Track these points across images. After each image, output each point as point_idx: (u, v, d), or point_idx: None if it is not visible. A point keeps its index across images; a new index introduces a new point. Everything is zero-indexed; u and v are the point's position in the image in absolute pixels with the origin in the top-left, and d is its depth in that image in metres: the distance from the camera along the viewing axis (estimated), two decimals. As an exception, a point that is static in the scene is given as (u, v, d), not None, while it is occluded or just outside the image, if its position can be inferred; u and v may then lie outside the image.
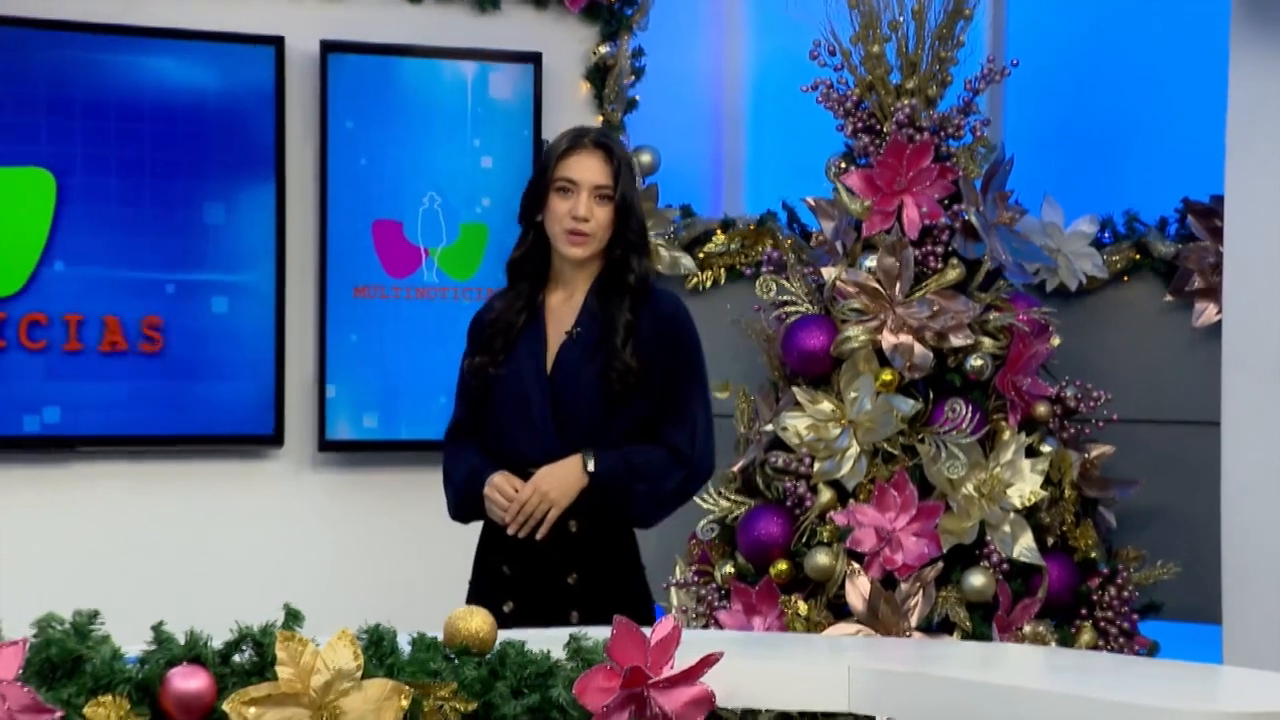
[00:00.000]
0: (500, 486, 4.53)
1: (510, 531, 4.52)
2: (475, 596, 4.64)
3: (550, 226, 4.58)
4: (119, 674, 3.14)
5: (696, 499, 6.18)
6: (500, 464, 4.57)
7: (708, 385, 4.70)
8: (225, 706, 3.15)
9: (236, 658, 3.22)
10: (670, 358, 4.59)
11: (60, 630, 3.15)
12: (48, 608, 3.19)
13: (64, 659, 3.12)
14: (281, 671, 3.19)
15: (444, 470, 4.74)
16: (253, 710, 3.16)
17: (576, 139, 4.60)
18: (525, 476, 4.51)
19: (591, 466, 4.50)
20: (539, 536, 4.50)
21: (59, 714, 3.07)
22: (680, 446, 4.58)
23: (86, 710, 3.09)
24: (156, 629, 3.24)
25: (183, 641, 3.22)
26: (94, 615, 3.20)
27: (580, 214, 4.52)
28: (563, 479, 4.50)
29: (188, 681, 3.16)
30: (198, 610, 3.54)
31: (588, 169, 4.55)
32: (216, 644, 3.24)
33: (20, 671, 3.06)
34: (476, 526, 4.71)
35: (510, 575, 4.56)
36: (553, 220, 4.57)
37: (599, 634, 3.43)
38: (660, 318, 4.60)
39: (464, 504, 4.68)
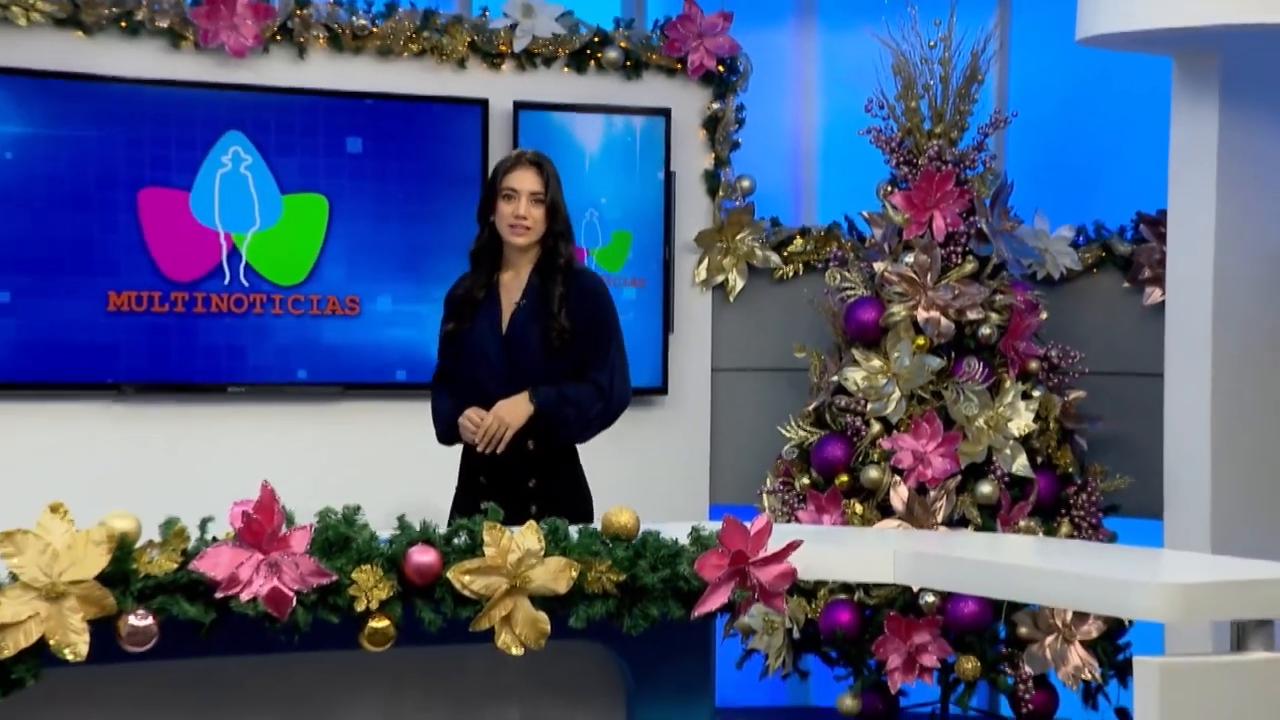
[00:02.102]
0: (469, 416, 4.56)
1: (479, 449, 4.56)
2: (460, 500, 4.67)
3: (499, 223, 4.61)
4: (375, 550, 3.21)
5: (780, 430, 6.23)
6: (471, 401, 4.60)
7: (622, 340, 4.70)
8: (449, 574, 3.22)
9: (456, 540, 3.28)
10: (592, 320, 4.61)
11: (334, 519, 3.22)
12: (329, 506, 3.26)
13: (337, 539, 3.19)
14: (488, 551, 3.25)
15: (432, 407, 4.77)
16: (467, 578, 3.23)
17: (517, 159, 4.65)
18: (489, 409, 4.55)
19: (535, 398, 4.53)
20: (499, 451, 4.53)
21: (334, 578, 3.14)
22: (601, 384, 4.60)
23: (354, 574, 3.16)
24: (400, 519, 3.31)
25: (418, 529, 3.29)
26: (357, 509, 3.27)
27: (520, 213, 4.56)
28: (513, 407, 4.53)
29: (423, 556, 3.23)
30: (428, 506, 3.59)
31: (525, 180, 4.58)
32: (442, 530, 3.30)
33: (308, 547, 3.13)
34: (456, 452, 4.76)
35: (485, 483, 4.56)
36: (500, 219, 4.60)
37: (713, 526, 3.46)
38: (586, 292, 4.63)
39: (448, 432, 4.70)
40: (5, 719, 3.00)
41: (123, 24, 5.77)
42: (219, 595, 3.06)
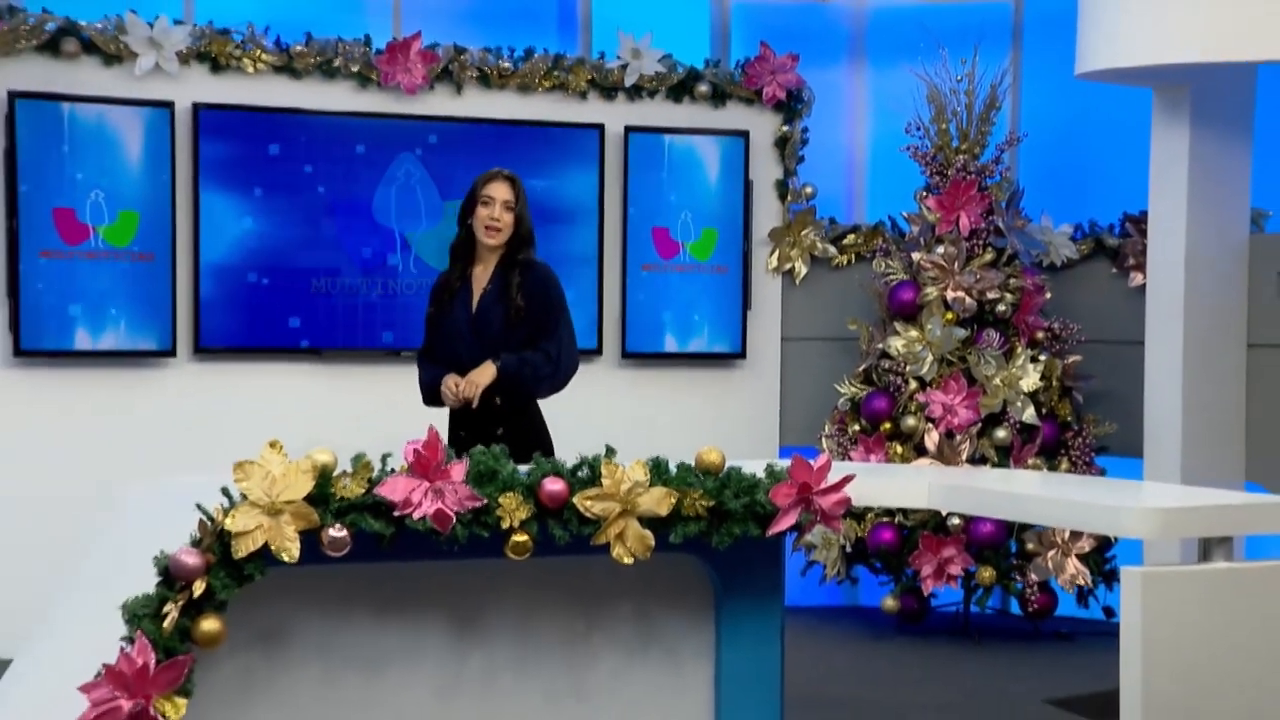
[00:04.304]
0: (446, 383, 4.43)
1: (454, 405, 4.43)
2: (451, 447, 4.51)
3: (476, 225, 4.45)
4: (516, 481, 3.20)
5: (836, 387, 6.22)
6: (449, 369, 4.46)
7: (570, 318, 4.55)
8: (574, 500, 3.22)
9: (580, 473, 3.27)
10: (543, 301, 4.46)
11: (484, 455, 3.23)
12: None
13: (486, 471, 3.19)
14: (605, 482, 3.24)
15: (419, 377, 4.61)
16: (589, 502, 3.22)
17: (495, 174, 4.48)
18: (463, 374, 4.41)
19: (497, 363, 4.40)
20: (474, 406, 4.39)
21: (484, 501, 3.15)
22: (550, 352, 4.45)
23: (500, 499, 3.17)
24: (535, 457, 3.31)
25: (549, 464, 3.30)
26: (505, 450, 3.28)
27: (495, 216, 4.41)
28: (481, 372, 4.38)
29: (554, 485, 3.22)
30: (556, 447, 3.60)
31: (500, 190, 4.43)
32: (568, 464, 3.31)
33: (464, 477, 3.16)
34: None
35: (464, 436, 4.42)
36: (478, 220, 4.44)
37: (784, 463, 3.45)
38: (538, 280, 4.48)
39: (430, 396, 4.56)
40: (240, 606, 3.07)
41: (323, 69, 5.85)
42: (396, 514, 3.09)
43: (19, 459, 5.56)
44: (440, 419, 4.66)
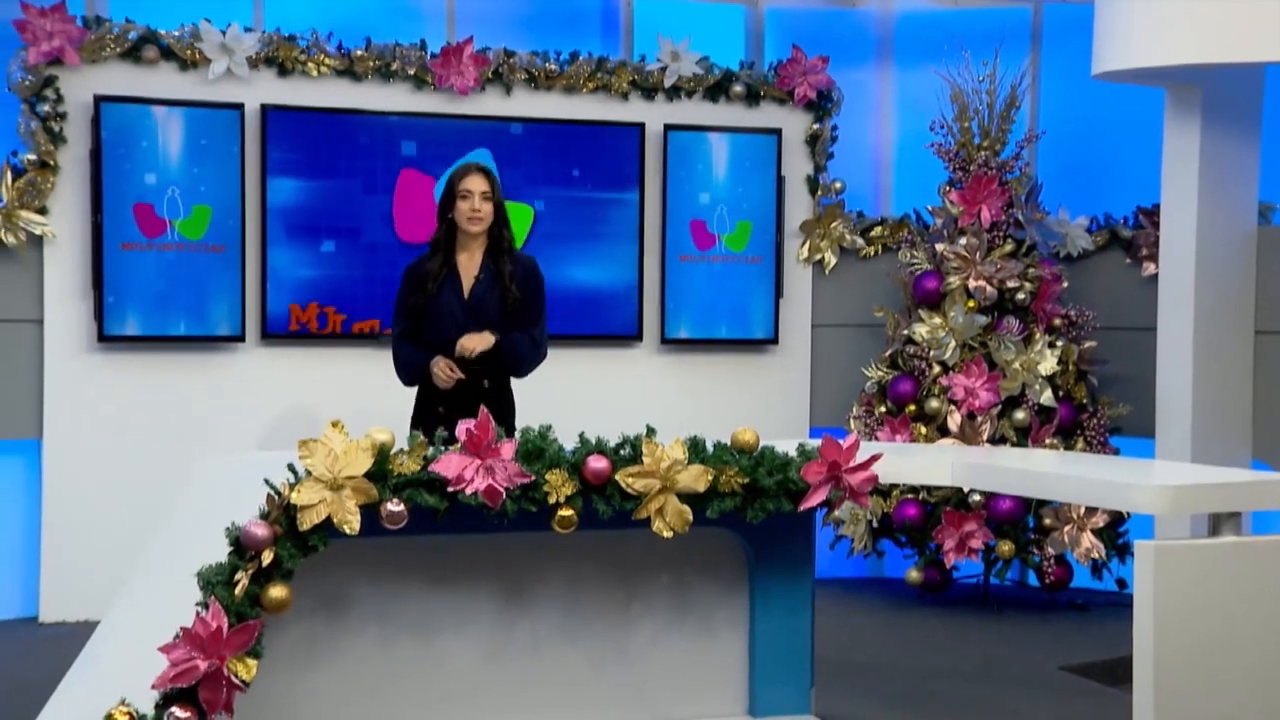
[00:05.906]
0: (439, 364, 4.42)
1: (448, 385, 4.41)
2: (416, 423, 4.47)
3: (458, 217, 4.47)
4: (562, 458, 3.23)
5: (863, 371, 6.20)
6: (437, 352, 4.46)
7: (545, 306, 4.58)
8: (617, 477, 3.24)
9: (622, 452, 3.29)
10: (531, 291, 4.52)
11: (532, 434, 3.25)
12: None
13: (535, 449, 3.22)
14: (646, 460, 3.26)
15: (396, 357, 4.58)
16: (630, 479, 3.24)
17: (469, 168, 4.50)
18: (454, 359, 4.42)
19: (497, 335, 4.42)
20: (472, 356, 4.40)
21: (532, 478, 3.17)
22: (536, 337, 4.52)
23: (547, 476, 3.19)
24: (581, 436, 3.33)
25: (593, 443, 3.31)
26: (549, 428, 3.29)
27: (475, 207, 4.44)
28: (482, 337, 4.41)
29: (598, 463, 3.24)
30: (600, 428, 3.60)
31: (477, 183, 4.46)
32: (611, 444, 3.32)
33: (514, 455, 3.17)
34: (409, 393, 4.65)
35: (444, 413, 4.36)
36: (459, 213, 4.47)
37: (814, 443, 3.45)
38: (527, 270, 4.54)
39: (414, 376, 4.54)
40: (305, 575, 3.09)
41: (382, 73, 5.87)
42: (450, 489, 3.12)
43: (103, 437, 5.63)
44: (409, 399, 4.62)
